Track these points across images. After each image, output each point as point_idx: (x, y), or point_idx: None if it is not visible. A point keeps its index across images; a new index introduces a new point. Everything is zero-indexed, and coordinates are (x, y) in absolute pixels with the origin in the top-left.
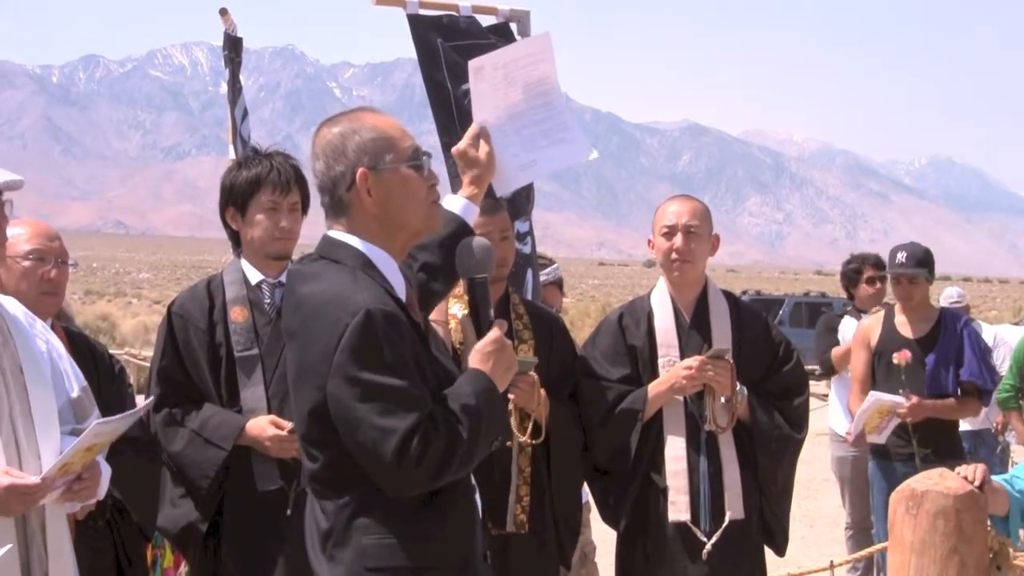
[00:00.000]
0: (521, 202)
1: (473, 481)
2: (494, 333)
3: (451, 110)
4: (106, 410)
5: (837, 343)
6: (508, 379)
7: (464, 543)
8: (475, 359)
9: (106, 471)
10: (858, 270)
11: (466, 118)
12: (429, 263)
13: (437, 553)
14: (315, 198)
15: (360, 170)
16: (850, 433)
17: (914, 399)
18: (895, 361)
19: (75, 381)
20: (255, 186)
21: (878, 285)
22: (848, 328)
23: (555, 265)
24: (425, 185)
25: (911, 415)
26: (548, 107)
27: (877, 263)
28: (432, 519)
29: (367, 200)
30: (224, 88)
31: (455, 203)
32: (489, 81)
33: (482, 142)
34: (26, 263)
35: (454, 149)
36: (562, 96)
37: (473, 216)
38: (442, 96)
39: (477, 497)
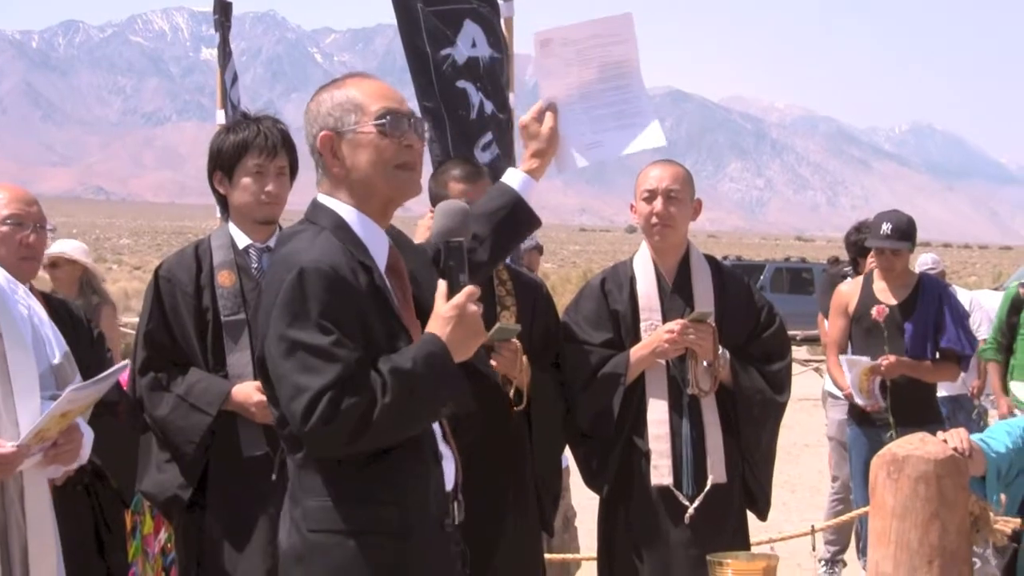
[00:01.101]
0: (503, 167)
1: (444, 448)
2: (457, 298)
3: (430, 75)
4: (86, 375)
5: None
6: (471, 347)
7: (408, 509)
8: (433, 323)
9: (88, 435)
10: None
11: (445, 82)
12: (477, 233)
13: (373, 517)
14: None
15: (323, 132)
16: (866, 405)
17: (892, 357)
18: (873, 316)
19: (57, 347)
20: (242, 150)
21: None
22: None
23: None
24: (393, 147)
25: (888, 372)
26: (625, 90)
27: None
28: (369, 481)
29: (332, 163)
30: (204, 54)
31: (514, 177)
32: (559, 57)
33: (547, 117)
34: (4, 228)
35: (520, 121)
36: (641, 81)
37: (531, 191)
38: (421, 61)
39: (448, 465)
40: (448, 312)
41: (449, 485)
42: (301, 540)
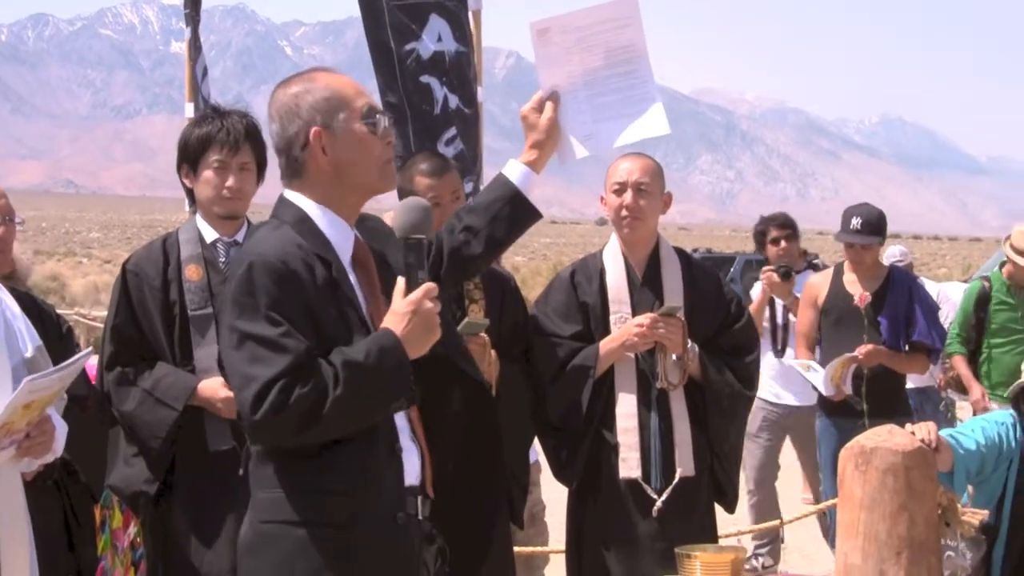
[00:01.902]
0: (468, 162)
1: (409, 443)
2: (415, 294)
3: (394, 70)
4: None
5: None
6: (426, 343)
7: (357, 500)
8: (388, 319)
9: (62, 428)
10: (763, 231)
11: (409, 77)
12: (472, 226)
13: (320, 507)
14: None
15: (314, 129)
16: (832, 395)
17: (869, 345)
18: (855, 302)
19: (29, 340)
20: (205, 144)
21: (783, 244)
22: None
23: None
24: (380, 143)
25: (866, 361)
26: (631, 75)
27: (783, 223)
28: (318, 473)
29: (321, 159)
30: (175, 47)
31: (514, 169)
32: (559, 46)
33: (547, 108)
34: None
35: (520, 111)
36: (649, 65)
37: (531, 184)
38: (385, 56)
39: (411, 459)
40: (404, 308)
41: (410, 480)
42: (252, 531)
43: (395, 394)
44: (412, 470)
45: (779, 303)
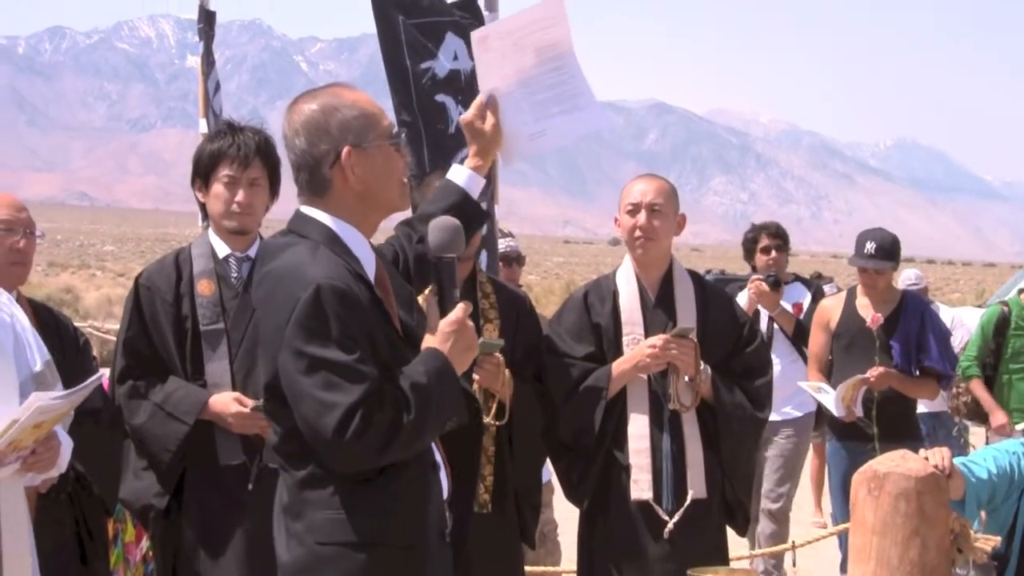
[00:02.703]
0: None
1: (438, 458)
2: (455, 314)
3: (409, 88)
4: (69, 383)
5: None
6: (467, 360)
7: (415, 519)
8: (435, 339)
9: (67, 444)
10: (754, 239)
11: (424, 96)
12: (422, 233)
13: (384, 529)
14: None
15: (346, 148)
16: (843, 416)
17: (881, 368)
18: (868, 325)
19: (38, 355)
20: (217, 159)
21: (774, 254)
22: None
23: (512, 238)
24: (402, 162)
25: (877, 383)
26: (561, 71)
27: (775, 232)
28: (380, 494)
29: (351, 178)
30: (190, 61)
31: (459, 174)
32: (496, 51)
33: (489, 113)
34: None
35: (461, 118)
36: (576, 61)
37: (478, 187)
38: (401, 74)
39: (443, 475)
40: (448, 327)
41: (444, 493)
42: (307, 552)
43: (452, 413)
44: (444, 483)
45: (764, 313)
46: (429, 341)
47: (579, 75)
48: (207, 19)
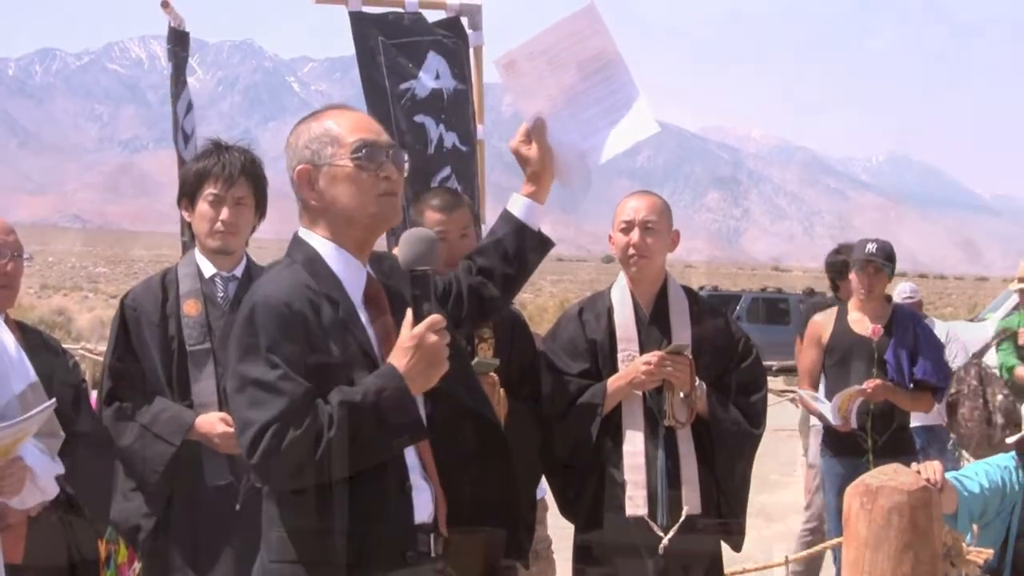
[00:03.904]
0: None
1: (421, 481)
2: (417, 328)
3: (388, 109)
4: (59, 406)
5: None
6: (431, 377)
7: (362, 539)
8: (393, 355)
9: (51, 468)
10: (845, 261)
11: (403, 117)
12: (485, 267)
13: (325, 547)
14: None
15: (300, 166)
16: (839, 425)
17: (877, 380)
18: (869, 336)
19: (22, 378)
20: (202, 179)
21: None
22: None
23: None
24: (372, 178)
25: (874, 395)
26: (610, 81)
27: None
28: (326, 513)
29: (309, 194)
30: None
31: (516, 203)
32: (530, 75)
33: (535, 138)
34: None
35: (510, 146)
36: (624, 67)
37: (536, 215)
38: (379, 95)
39: (423, 497)
40: (407, 342)
41: (421, 517)
42: (260, 569)
43: (398, 431)
44: (424, 508)
45: None
46: (391, 357)
47: (629, 82)
48: (178, 40)
